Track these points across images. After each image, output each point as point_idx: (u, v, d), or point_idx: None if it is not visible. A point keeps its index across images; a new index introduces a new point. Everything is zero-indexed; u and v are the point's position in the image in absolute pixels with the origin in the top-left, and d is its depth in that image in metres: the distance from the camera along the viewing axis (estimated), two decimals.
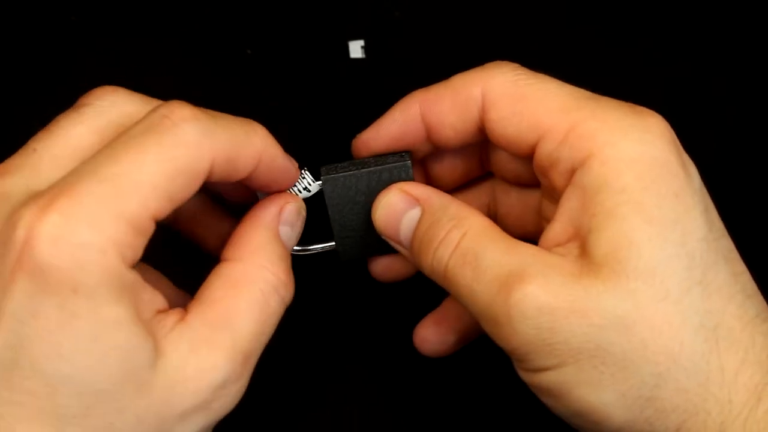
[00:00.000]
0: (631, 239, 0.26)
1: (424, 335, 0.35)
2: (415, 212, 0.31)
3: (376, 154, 0.33)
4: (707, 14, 0.44)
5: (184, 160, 0.25)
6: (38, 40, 0.44)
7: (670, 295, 0.26)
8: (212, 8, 0.44)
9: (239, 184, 0.31)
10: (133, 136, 0.25)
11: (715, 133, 0.42)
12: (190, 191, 0.26)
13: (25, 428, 0.24)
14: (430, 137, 0.32)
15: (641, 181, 0.26)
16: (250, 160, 0.28)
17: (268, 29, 0.44)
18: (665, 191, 0.26)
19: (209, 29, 0.44)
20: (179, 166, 0.25)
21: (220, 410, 0.27)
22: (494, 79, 0.30)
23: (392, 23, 0.44)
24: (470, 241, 0.28)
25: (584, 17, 0.44)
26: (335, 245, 0.34)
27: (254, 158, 0.28)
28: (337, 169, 0.33)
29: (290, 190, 0.32)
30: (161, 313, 0.26)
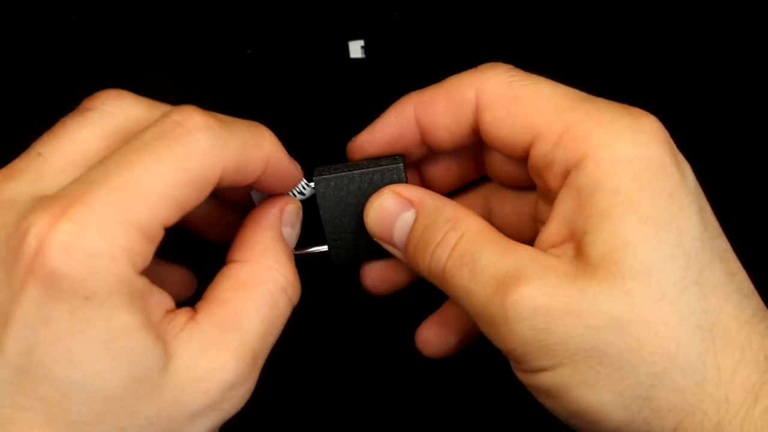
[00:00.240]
0: (626, 240, 0.26)
1: (426, 336, 0.35)
2: (409, 214, 0.31)
3: (370, 156, 0.33)
4: (707, 14, 0.44)
5: (196, 168, 0.25)
6: (38, 40, 0.44)
7: (666, 295, 0.26)
8: (212, 8, 0.44)
9: (234, 214, 0.31)
10: (144, 142, 0.25)
11: (715, 133, 0.42)
12: (199, 199, 0.26)
13: None
14: (424, 139, 0.32)
15: (636, 181, 0.26)
16: (258, 164, 0.28)
17: (268, 29, 0.44)
18: (660, 191, 0.26)
19: (209, 29, 0.44)
20: (191, 174, 0.25)
21: (229, 410, 0.27)
22: (488, 80, 0.30)
23: (392, 23, 0.44)
24: (467, 243, 0.28)
25: (584, 17, 0.44)
26: (328, 248, 0.34)
27: (262, 163, 0.28)
28: (329, 170, 0.33)
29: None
30: (170, 313, 0.26)
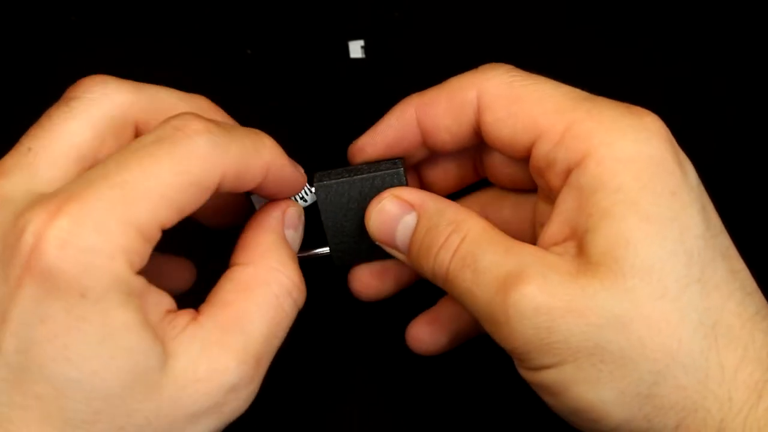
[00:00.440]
0: (627, 238, 0.26)
1: (416, 334, 0.35)
2: (410, 218, 0.31)
3: (371, 160, 0.33)
4: (707, 14, 0.44)
5: (195, 172, 0.25)
6: (38, 40, 0.44)
7: (668, 292, 0.26)
8: (212, 8, 0.44)
9: (231, 199, 0.32)
10: (144, 145, 0.25)
11: (715, 133, 0.42)
12: (198, 203, 0.26)
13: None
14: (425, 141, 0.32)
15: (637, 180, 0.26)
16: (258, 171, 0.28)
17: (268, 29, 0.44)
18: (662, 189, 0.26)
19: (209, 29, 0.44)
20: (190, 178, 0.25)
21: (230, 413, 0.27)
22: (489, 81, 0.30)
23: (392, 23, 0.44)
24: (469, 244, 0.28)
25: (584, 17, 0.44)
26: (329, 251, 0.34)
27: (262, 170, 0.28)
28: (330, 175, 0.33)
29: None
30: (171, 313, 0.26)
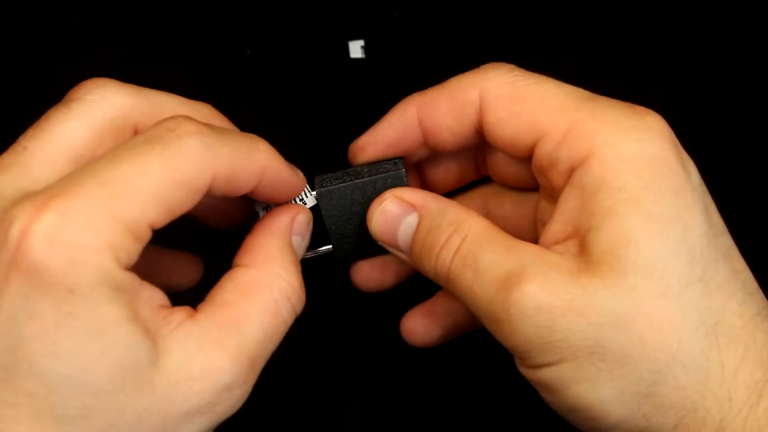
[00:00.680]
0: (629, 236, 0.26)
1: (410, 326, 0.35)
2: (412, 218, 0.31)
3: (371, 160, 0.33)
4: (707, 14, 0.44)
5: (185, 172, 0.25)
6: (38, 40, 0.44)
7: (669, 291, 0.26)
8: (212, 8, 0.44)
9: (233, 200, 0.31)
10: (135, 144, 0.25)
11: (715, 133, 0.42)
12: (189, 203, 0.26)
13: (26, 430, 0.23)
14: (427, 141, 0.32)
15: (640, 179, 0.26)
16: (252, 175, 0.28)
17: (268, 29, 0.44)
18: (665, 189, 0.26)
19: (209, 29, 0.44)
20: (180, 177, 0.25)
21: (223, 413, 0.26)
22: (491, 80, 0.30)
23: (392, 23, 0.44)
24: (470, 244, 0.28)
25: (584, 17, 0.44)
26: (332, 249, 0.34)
27: (256, 173, 0.28)
28: (331, 180, 0.32)
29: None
30: (165, 309, 0.26)
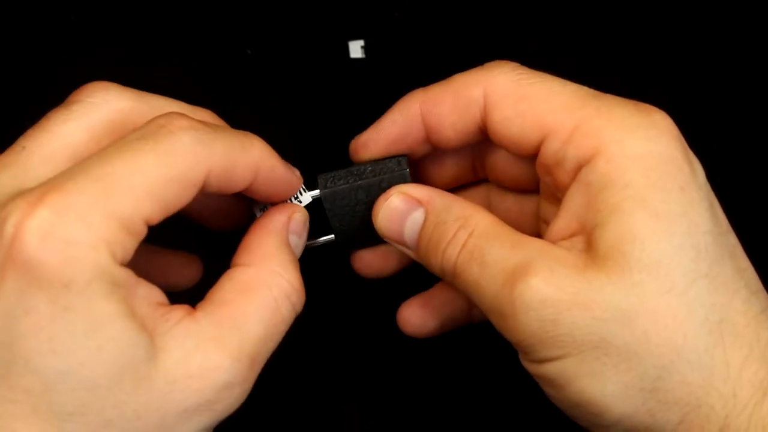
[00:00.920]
0: (635, 233, 0.26)
1: (406, 316, 0.35)
2: (418, 214, 0.31)
3: (374, 157, 0.33)
4: (707, 14, 0.44)
5: (179, 167, 0.25)
6: (38, 40, 0.44)
7: (675, 287, 0.26)
8: (212, 8, 0.44)
9: (232, 201, 0.31)
10: (128, 141, 0.25)
11: (715, 132, 0.42)
12: (184, 199, 0.26)
13: (23, 426, 0.23)
14: (429, 138, 0.32)
15: (647, 177, 0.26)
16: (247, 171, 0.28)
17: (268, 29, 0.44)
18: (671, 186, 0.26)
19: (209, 29, 0.44)
20: (174, 172, 0.25)
21: (222, 412, 0.26)
22: (496, 79, 0.30)
23: (392, 23, 0.44)
24: (477, 238, 0.28)
25: (584, 17, 0.44)
26: (335, 239, 0.34)
27: (251, 170, 0.28)
28: (334, 180, 0.32)
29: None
30: (163, 307, 0.26)
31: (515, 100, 0.29)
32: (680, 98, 0.43)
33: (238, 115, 0.33)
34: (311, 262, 0.34)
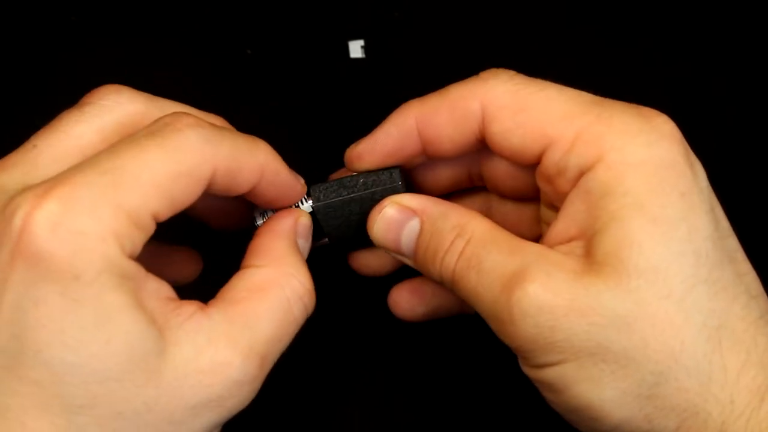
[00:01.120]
0: (632, 238, 0.26)
1: (395, 298, 0.35)
2: (414, 223, 0.30)
3: (368, 168, 0.32)
4: (707, 14, 0.44)
5: (185, 162, 0.25)
6: (38, 40, 0.44)
7: (673, 293, 0.25)
8: (212, 8, 0.44)
9: (234, 205, 0.31)
10: (136, 138, 0.26)
11: (715, 133, 0.42)
12: (191, 196, 0.26)
13: (33, 419, 0.23)
14: (426, 150, 0.31)
15: (646, 183, 0.26)
16: (252, 173, 0.28)
17: (268, 29, 0.44)
18: (670, 191, 0.26)
19: (209, 29, 0.44)
20: (180, 168, 0.25)
21: (232, 409, 0.26)
22: (493, 90, 0.29)
23: (392, 23, 0.44)
24: (474, 246, 0.28)
25: (584, 17, 0.44)
26: (330, 243, 0.34)
27: (256, 171, 0.28)
28: (327, 193, 0.32)
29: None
30: (174, 302, 0.26)
31: (514, 111, 0.29)
32: (680, 98, 0.43)
33: (238, 115, 0.33)
34: (310, 260, 0.34)
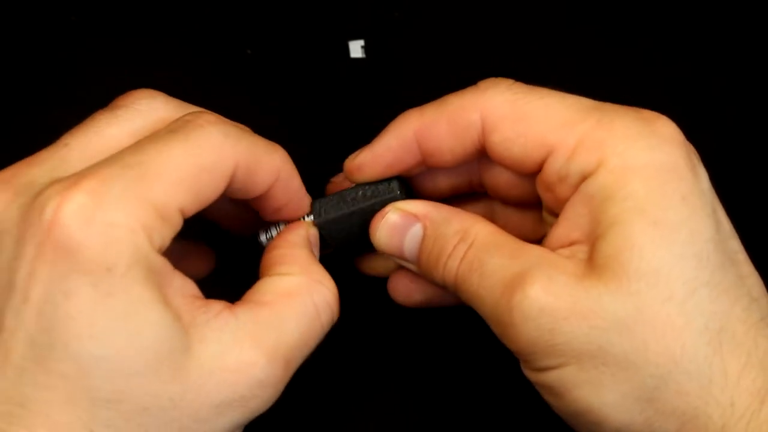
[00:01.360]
0: (633, 242, 0.26)
1: (394, 284, 0.35)
2: (417, 229, 0.31)
3: (368, 179, 0.32)
4: (707, 14, 0.44)
5: (208, 158, 0.26)
6: (38, 40, 0.44)
7: (674, 296, 0.25)
8: (212, 8, 0.44)
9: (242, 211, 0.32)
10: (159, 134, 0.26)
11: (715, 133, 0.42)
12: (215, 191, 0.26)
13: (58, 413, 0.23)
14: (426, 161, 0.31)
15: (647, 187, 0.26)
16: (269, 173, 0.28)
17: (268, 29, 0.44)
18: (672, 194, 0.26)
19: (209, 29, 0.44)
20: (204, 162, 0.26)
21: (254, 410, 0.26)
22: (492, 100, 0.29)
23: (392, 23, 0.44)
24: (477, 249, 0.28)
25: (584, 17, 0.44)
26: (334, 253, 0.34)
27: (274, 172, 0.29)
28: (327, 207, 0.32)
29: (280, 224, 0.32)
30: (199, 300, 0.26)
31: (514, 120, 0.29)
32: (680, 98, 0.43)
33: (238, 115, 0.33)
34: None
